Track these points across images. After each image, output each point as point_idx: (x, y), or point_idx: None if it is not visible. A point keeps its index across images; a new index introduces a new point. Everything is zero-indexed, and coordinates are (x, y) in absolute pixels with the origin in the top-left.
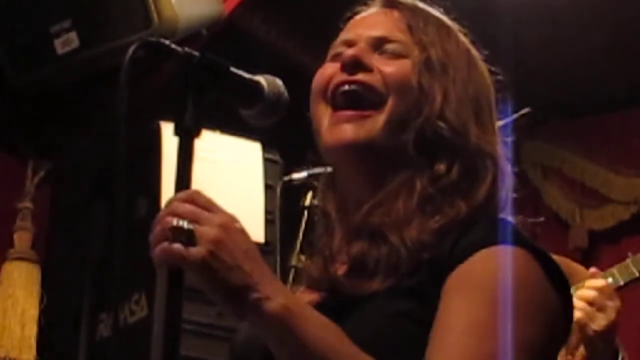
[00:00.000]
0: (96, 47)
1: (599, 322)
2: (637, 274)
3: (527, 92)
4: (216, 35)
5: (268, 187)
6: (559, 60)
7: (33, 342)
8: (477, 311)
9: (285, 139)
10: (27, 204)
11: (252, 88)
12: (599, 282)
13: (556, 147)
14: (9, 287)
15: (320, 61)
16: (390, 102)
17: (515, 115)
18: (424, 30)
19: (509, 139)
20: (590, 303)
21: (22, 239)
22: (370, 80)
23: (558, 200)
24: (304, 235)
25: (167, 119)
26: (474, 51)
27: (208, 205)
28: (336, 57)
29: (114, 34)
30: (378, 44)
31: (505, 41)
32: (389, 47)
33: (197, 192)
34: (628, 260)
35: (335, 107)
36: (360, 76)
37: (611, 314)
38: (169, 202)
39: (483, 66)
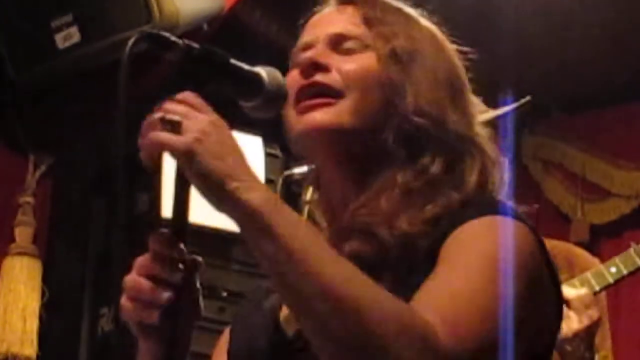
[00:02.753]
0: (97, 42)
1: (570, 325)
2: None
3: (528, 86)
4: (217, 30)
5: (269, 182)
6: (560, 55)
7: (34, 336)
8: (470, 265)
9: (286, 134)
10: (28, 198)
11: (252, 79)
12: (580, 290)
13: (557, 141)
14: (10, 282)
15: None
16: (352, 95)
17: (517, 104)
18: (383, 21)
19: (510, 130)
20: (567, 305)
21: (23, 233)
22: (328, 80)
23: (559, 194)
24: None
25: None
26: (439, 33)
27: (199, 106)
28: (297, 64)
29: (115, 29)
30: (335, 43)
31: (506, 36)
32: (347, 44)
33: (190, 95)
34: (631, 250)
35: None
36: (318, 77)
37: (584, 320)
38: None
39: (450, 46)
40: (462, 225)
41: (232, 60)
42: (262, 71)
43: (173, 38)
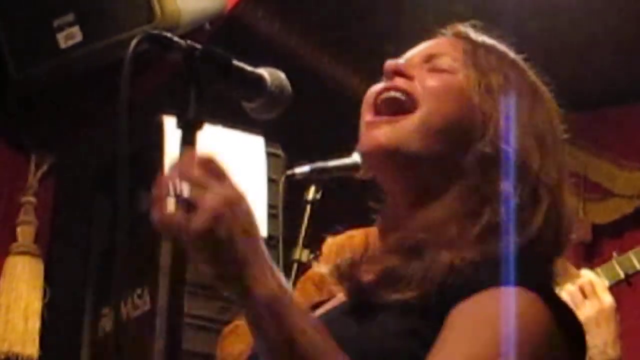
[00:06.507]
0: (99, 41)
1: (584, 311)
2: (623, 276)
3: None
4: (218, 30)
5: (271, 181)
6: (562, 55)
7: (36, 336)
8: (474, 348)
9: (288, 133)
10: (30, 198)
11: (255, 81)
12: (594, 277)
13: None
14: (12, 281)
15: (321, 55)
16: (424, 108)
17: None
18: (485, 58)
19: None
20: (581, 290)
21: (25, 233)
22: (408, 86)
23: None
24: (306, 229)
25: (169, 112)
26: (541, 87)
27: (219, 175)
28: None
29: (117, 28)
30: (428, 59)
31: (508, 36)
32: (438, 61)
33: (212, 159)
34: (613, 261)
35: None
36: (398, 82)
37: (596, 305)
38: (182, 159)
39: (551, 103)
40: (480, 291)
41: (235, 61)
42: (265, 72)
43: (175, 39)
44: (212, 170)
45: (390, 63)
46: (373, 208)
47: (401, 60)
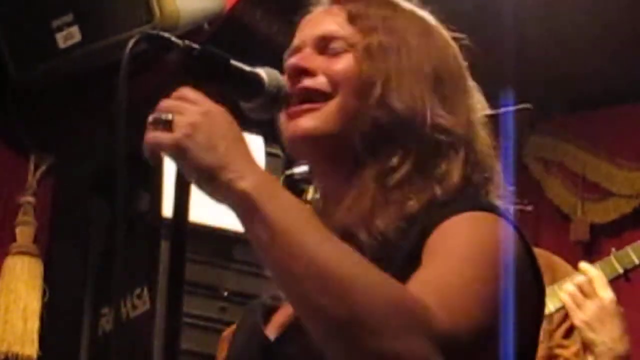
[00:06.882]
0: (98, 41)
1: (587, 310)
2: (621, 271)
3: (529, 85)
4: (218, 30)
5: None
6: (561, 54)
7: (35, 336)
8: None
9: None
10: (29, 198)
11: (253, 80)
12: (593, 271)
13: (558, 140)
14: (11, 282)
15: None
16: (339, 96)
17: (514, 108)
18: (365, 15)
19: (511, 130)
20: (580, 289)
21: (24, 233)
22: (315, 84)
23: (560, 193)
24: None
25: None
26: (431, 23)
27: (193, 99)
28: (286, 69)
29: (116, 28)
30: (321, 45)
31: (507, 36)
32: (332, 45)
33: (185, 89)
34: (611, 257)
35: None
36: (305, 82)
37: (597, 302)
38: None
39: (444, 35)
40: (444, 221)
41: (233, 61)
42: (263, 72)
43: (173, 39)
44: (188, 98)
45: (290, 64)
46: None
47: (298, 56)
